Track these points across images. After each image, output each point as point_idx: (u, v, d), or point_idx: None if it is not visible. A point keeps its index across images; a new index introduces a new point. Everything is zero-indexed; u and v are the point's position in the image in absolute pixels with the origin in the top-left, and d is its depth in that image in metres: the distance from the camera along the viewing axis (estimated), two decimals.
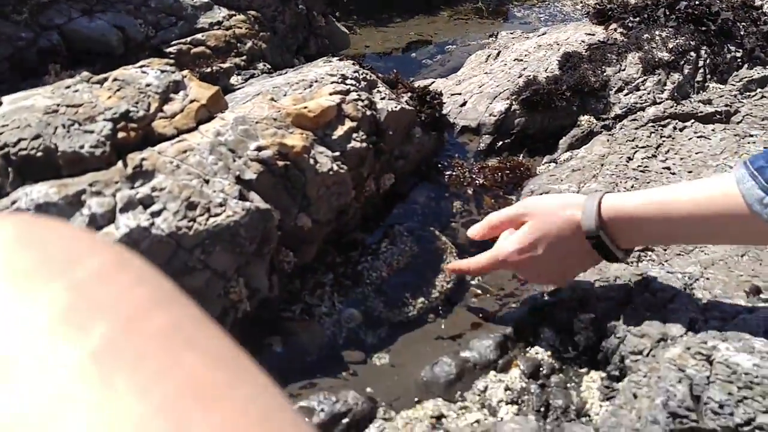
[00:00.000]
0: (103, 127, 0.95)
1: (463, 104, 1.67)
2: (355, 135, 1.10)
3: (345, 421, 0.90)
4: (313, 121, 1.07)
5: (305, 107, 1.07)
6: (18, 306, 0.25)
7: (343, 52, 2.30)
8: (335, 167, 1.06)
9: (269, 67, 1.65)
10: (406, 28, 3.38)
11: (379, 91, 1.32)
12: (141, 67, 1.10)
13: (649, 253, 1.19)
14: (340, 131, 1.09)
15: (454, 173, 1.46)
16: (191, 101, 1.07)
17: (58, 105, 0.96)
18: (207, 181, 0.97)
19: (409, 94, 1.43)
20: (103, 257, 0.28)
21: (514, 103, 1.56)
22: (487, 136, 1.58)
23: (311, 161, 1.03)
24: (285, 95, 1.18)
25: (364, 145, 1.11)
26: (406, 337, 1.11)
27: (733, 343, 0.86)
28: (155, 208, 0.91)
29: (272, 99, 1.13)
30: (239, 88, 1.43)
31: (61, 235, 0.29)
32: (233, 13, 1.71)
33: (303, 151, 1.02)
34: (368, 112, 1.15)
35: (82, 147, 0.92)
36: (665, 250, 1.19)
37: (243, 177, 0.99)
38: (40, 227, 0.29)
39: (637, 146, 1.47)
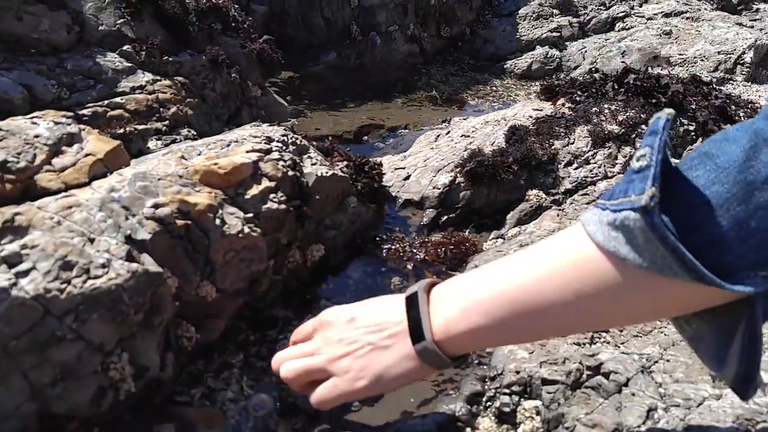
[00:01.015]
0: None
1: (407, 178, 1.60)
2: (272, 195, 1.01)
3: None
4: (223, 179, 0.97)
5: (215, 164, 0.97)
6: None
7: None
8: (246, 230, 0.95)
9: (194, 133, 1.56)
10: (359, 113, 3.38)
11: (309, 157, 1.24)
12: (32, 117, 1.00)
13: (604, 334, 1.09)
14: (254, 190, 0.99)
15: (393, 247, 1.37)
16: (86, 155, 0.97)
17: None
18: (91, 240, 0.85)
19: (345, 162, 1.35)
20: None
21: (458, 175, 1.49)
22: (430, 209, 1.50)
23: (217, 222, 0.92)
24: (199, 154, 1.09)
25: (283, 207, 1.01)
26: (327, 428, 0.96)
27: None
28: (22, 267, 0.79)
29: (182, 157, 1.04)
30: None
31: None
32: (158, 78, 1.64)
33: (208, 210, 0.92)
34: (290, 173, 1.06)
35: None
36: (621, 331, 1.09)
37: (135, 237, 0.87)
38: None
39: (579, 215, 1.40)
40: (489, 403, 1.01)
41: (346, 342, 0.80)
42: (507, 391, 0.99)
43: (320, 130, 3.03)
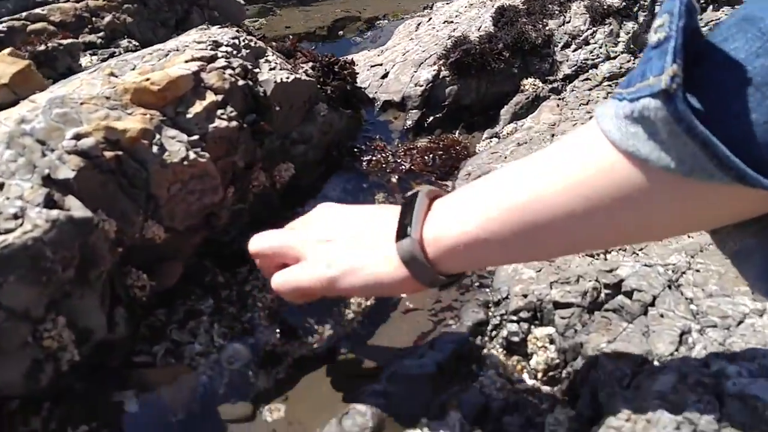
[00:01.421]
0: None
1: (385, 75, 1.42)
2: (220, 111, 0.84)
3: None
4: (158, 97, 0.80)
5: (147, 79, 0.80)
6: None
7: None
8: (192, 155, 0.79)
9: (136, 44, 1.36)
10: (333, 5, 3.12)
11: (267, 61, 1.06)
12: None
13: None
14: (197, 107, 0.83)
15: (374, 158, 1.21)
16: None
17: None
18: (0, 186, 0.69)
19: (311, 64, 1.17)
20: None
21: (443, 68, 1.32)
22: (414, 111, 1.34)
23: (155, 149, 0.76)
24: (133, 69, 0.91)
25: (234, 123, 0.85)
26: (310, 378, 0.85)
27: (745, 365, 0.63)
28: None
29: (112, 74, 0.86)
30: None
31: None
32: None
33: (141, 135, 0.76)
34: (241, 83, 0.89)
35: None
36: None
37: (55, 176, 0.72)
38: None
39: (592, 110, 1.24)
40: (495, 333, 0.89)
41: (328, 231, 0.70)
42: (514, 318, 0.87)
43: (291, 28, 2.79)
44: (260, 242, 0.74)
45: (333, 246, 0.69)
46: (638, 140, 0.45)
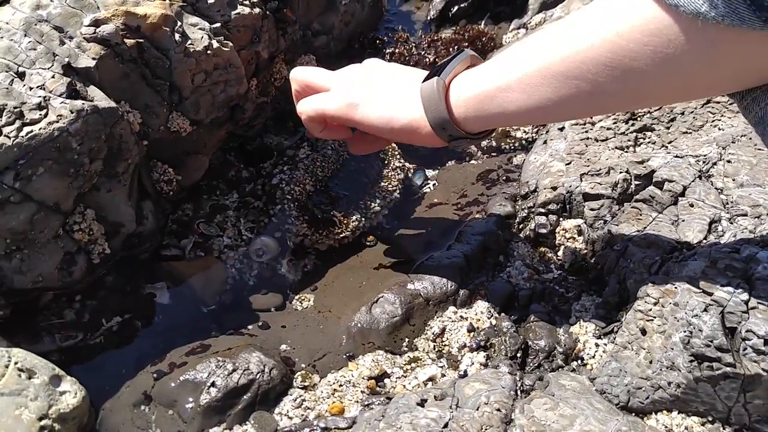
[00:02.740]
0: None
1: None
2: None
3: (246, 397, 0.67)
4: None
5: None
6: None
7: None
8: (215, 44, 0.78)
9: None
10: None
11: None
12: None
13: (648, 133, 0.95)
14: None
15: (397, 50, 1.19)
16: None
17: None
18: (21, 75, 0.69)
19: None
20: None
21: None
22: (437, 0, 1.29)
23: (177, 37, 0.76)
24: None
25: (257, 10, 0.83)
26: (338, 269, 0.88)
27: None
28: None
29: None
30: None
31: None
32: None
33: (162, 22, 0.75)
34: None
35: None
36: (668, 128, 0.95)
37: (75, 65, 0.72)
38: None
39: None
40: (523, 225, 0.90)
41: (363, 74, 0.72)
42: (543, 210, 0.88)
43: None
44: (300, 70, 0.76)
45: (362, 83, 0.71)
46: None
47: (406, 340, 0.76)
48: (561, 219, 0.87)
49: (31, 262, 0.68)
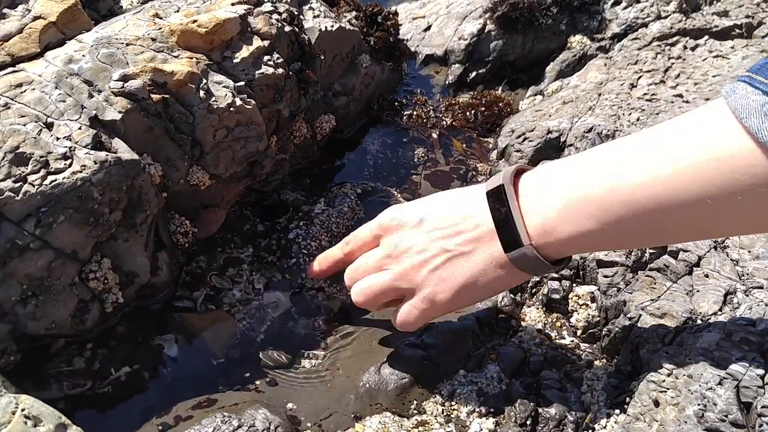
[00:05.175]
0: None
1: (427, 28, 1.42)
2: (266, 57, 0.85)
3: None
4: (205, 40, 0.82)
5: (194, 21, 0.82)
6: None
7: None
8: (238, 101, 0.81)
9: None
10: None
11: (311, 8, 1.06)
12: None
13: None
14: (244, 52, 0.84)
15: (415, 112, 1.22)
16: (35, 18, 0.82)
17: None
18: (49, 126, 0.72)
19: (354, 13, 1.17)
20: None
21: (488, 22, 1.31)
22: (456, 65, 1.33)
23: (202, 94, 0.78)
24: (178, 11, 0.92)
25: (281, 70, 0.86)
26: (350, 328, 0.87)
27: None
28: None
29: (156, 15, 0.88)
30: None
31: None
32: None
33: (189, 79, 0.77)
34: (287, 28, 0.89)
35: None
36: None
37: (102, 117, 0.74)
38: None
39: (641, 70, 1.23)
40: (535, 290, 0.90)
41: (416, 250, 0.70)
42: (556, 275, 0.88)
43: None
44: (356, 292, 0.76)
45: (430, 266, 0.68)
46: None
47: (415, 402, 0.75)
48: (574, 285, 0.87)
49: (45, 308, 0.69)
